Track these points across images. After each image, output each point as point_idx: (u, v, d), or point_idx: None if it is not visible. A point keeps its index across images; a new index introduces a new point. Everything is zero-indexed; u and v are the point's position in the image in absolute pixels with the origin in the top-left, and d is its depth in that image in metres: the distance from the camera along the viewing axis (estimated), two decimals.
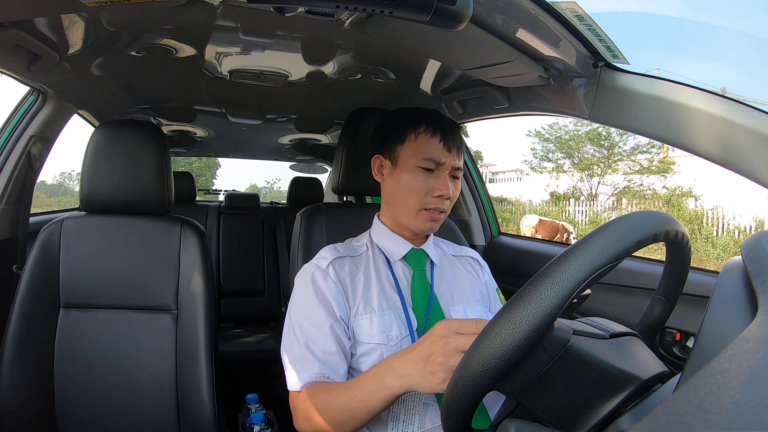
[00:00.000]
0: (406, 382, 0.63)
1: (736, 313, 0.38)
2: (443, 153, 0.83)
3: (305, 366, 0.76)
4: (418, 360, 0.62)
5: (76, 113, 1.51)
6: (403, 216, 0.86)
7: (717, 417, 0.20)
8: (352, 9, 0.64)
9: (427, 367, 0.60)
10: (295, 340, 0.78)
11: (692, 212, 9.41)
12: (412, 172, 0.83)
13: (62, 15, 0.90)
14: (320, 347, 0.76)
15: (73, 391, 1.01)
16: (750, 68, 10.20)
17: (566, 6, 0.77)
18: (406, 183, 0.84)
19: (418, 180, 0.83)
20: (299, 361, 0.77)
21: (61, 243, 1.05)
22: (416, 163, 0.83)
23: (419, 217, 0.84)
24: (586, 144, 11.77)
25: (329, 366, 0.76)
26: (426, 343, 0.62)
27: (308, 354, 0.76)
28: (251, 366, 1.96)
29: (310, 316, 0.79)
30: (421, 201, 0.83)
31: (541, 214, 10.75)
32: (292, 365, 0.77)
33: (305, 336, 0.77)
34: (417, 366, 0.62)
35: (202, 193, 3.30)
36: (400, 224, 0.88)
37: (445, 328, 0.61)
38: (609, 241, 0.42)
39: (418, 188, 0.83)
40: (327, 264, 0.83)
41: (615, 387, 0.45)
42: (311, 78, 1.33)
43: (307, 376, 0.75)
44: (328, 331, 0.77)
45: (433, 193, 0.82)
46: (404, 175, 0.84)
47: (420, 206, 0.83)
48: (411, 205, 0.84)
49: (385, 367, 0.66)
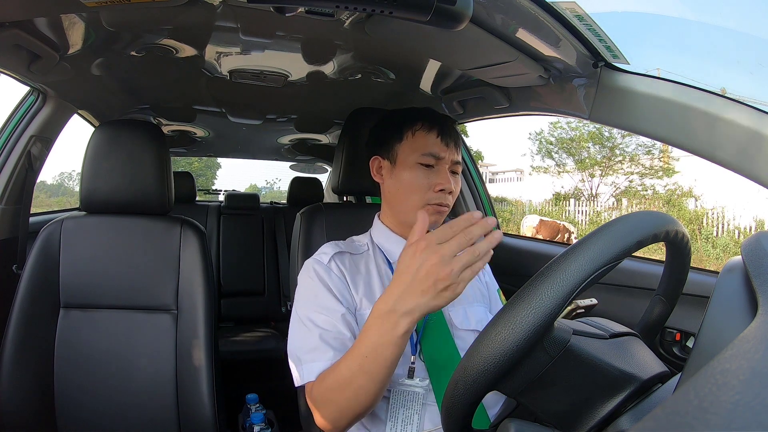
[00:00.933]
0: (418, 313, 0.59)
1: (736, 313, 0.38)
2: (442, 147, 0.83)
3: (319, 354, 0.73)
4: (422, 287, 0.58)
5: (76, 113, 1.51)
6: (406, 214, 0.86)
7: (717, 417, 0.20)
8: (352, 9, 0.64)
9: (436, 286, 0.57)
10: (307, 332, 0.75)
11: (692, 212, 9.41)
12: (412, 169, 0.83)
13: (62, 15, 0.90)
14: (332, 334, 0.74)
15: (73, 391, 1.01)
16: (750, 68, 10.20)
17: (566, 6, 0.77)
18: (407, 180, 0.84)
19: (419, 176, 0.83)
20: (312, 350, 0.73)
21: (61, 243, 1.05)
22: (416, 159, 0.83)
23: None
24: (588, 144, 11.78)
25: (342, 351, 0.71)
26: (422, 269, 0.57)
27: (321, 343, 0.73)
28: (251, 366, 1.96)
29: (319, 306, 0.77)
30: (424, 197, 0.83)
31: (542, 214, 10.75)
32: (303, 356, 0.74)
33: (318, 326, 0.75)
34: (425, 293, 0.58)
35: (202, 193, 3.29)
36: (403, 222, 0.88)
37: (425, 243, 0.58)
38: (609, 241, 0.42)
39: (419, 184, 0.83)
40: (328, 259, 0.83)
41: (615, 387, 0.45)
42: (311, 78, 1.33)
43: (321, 365, 0.72)
44: (340, 317, 0.76)
45: (435, 188, 0.82)
46: (404, 173, 0.84)
47: (423, 202, 0.83)
48: (414, 202, 0.83)
49: (384, 313, 0.61)
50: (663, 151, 10.55)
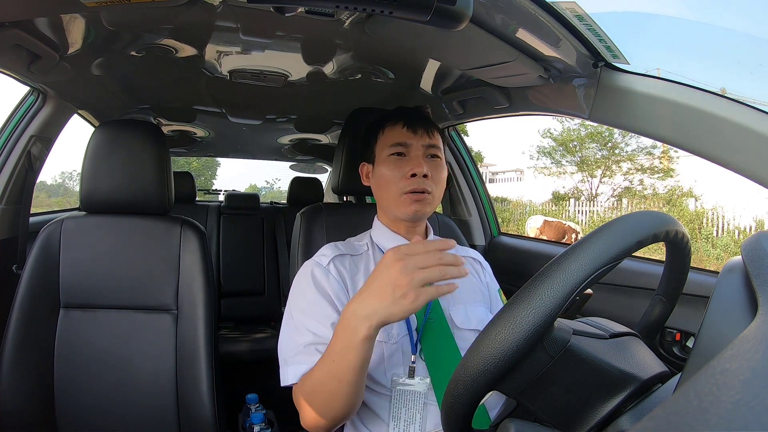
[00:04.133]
0: (375, 318, 0.60)
1: (736, 313, 0.38)
2: (408, 135, 0.86)
3: (304, 357, 0.74)
4: (380, 293, 0.59)
5: (76, 113, 1.51)
6: (389, 207, 0.88)
7: (717, 417, 0.20)
8: (352, 9, 0.64)
9: (394, 293, 0.58)
10: (297, 335, 0.77)
11: (692, 212, 9.41)
12: (386, 162, 0.87)
13: (62, 15, 0.90)
14: (322, 340, 0.75)
15: (73, 391, 1.01)
16: (750, 68, 10.20)
17: (566, 6, 0.77)
18: (383, 174, 0.87)
19: (391, 168, 0.86)
20: (298, 354, 0.75)
21: (61, 243, 1.05)
22: (387, 153, 0.87)
23: (402, 202, 0.85)
24: (588, 143, 11.78)
25: None
26: (382, 275, 0.60)
27: (308, 347, 0.75)
28: (251, 366, 1.96)
29: (311, 310, 0.78)
30: (399, 185, 0.85)
31: (542, 214, 10.74)
32: (290, 358, 0.76)
33: (309, 332, 0.76)
34: (383, 298, 0.59)
35: (202, 193, 3.30)
36: (392, 217, 0.90)
37: (394, 252, 0.60)
38: (609, 241, 0.42)
39: (393, 175, 0.86)
40: (328, 261, 0.83)
41: (615, 387, 0.45)
42: (311, 78, 1.33)
43: (305, 367, 0.73)
44: (330, 324, 0.76)
45: (407, 174, 0.84)
46: (381, 168, 0.88)
47: (400, 191, 0.85)
48: (392, 193, 0.86)
49: (347, 317, 0.63)
50: (663, 152, 10.56)
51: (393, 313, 0.59)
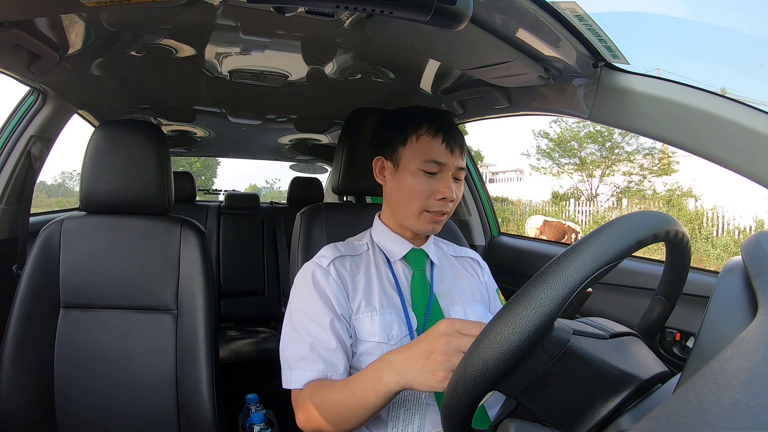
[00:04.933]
0: (404, 378, 0.61)
1: (736, 313, 0.38)
2: (445, 154, 0.82)
3: (308, 364, 0.75)
4: (418, 357, 0.60)
5: (76, 113, 1.51)
6: (405, 218, 0.86)
7: (717, 417, 0.20)
8: (352, 9, 0.64)
9: (427, 364, 0.59)
10: (298, 339, 0.78)
11: (692, 212, 9.40)
12: (414, 174, 0.82)
13: (62, 15, 0.90)
14: (323, 344, 0.76)
15: (73, 391, 1.01)
16: (750, 68, 10.20)
17: (566, 6, 0.77)
18: (408, 186, 0.83)
19: (420, 182, 0.82)
20: (302, 359, 0.76)
21: (61, 243, 1.05)
22: (418, 165, 0.82)
23: (421, 219, 0.84)
24: (588, 143, 11.77)
25: (330, 364, 0.76)
26: (427, 340, 0.60)
27: (311, 353, 0.76)
28: (251, 366, 1.96)
29: (311, 313, 0.78)
30: (424, 204, 0.82)
31: (542, 214, 10.73)
32: (293, 363, 0.77)
33: (310, 335, 0.77)
34: (417, 363, 0.60)
35: (202, 193, 3.30)
36: (402, 225, 0.88)
37: (448, 326, 0.59)
38: (609, 241, 0.42)
39: (420, 191, 0.82)
40: (328, 263, 0.83)
41: (615, 387, 0.45)
42: (311, 78, 1.33)
43: (309, 375, 0.75)
44: (329, 327, 0.77)
45: (435, 196, 0.82)
46: (406, 178, 0.83)
47: (422, 209, 0.83)
48: (413, 208, 0.83)
49: (383, 362, 0.65)
50: (663, 152, 10.55)
51: (419, 382, 0.60)
